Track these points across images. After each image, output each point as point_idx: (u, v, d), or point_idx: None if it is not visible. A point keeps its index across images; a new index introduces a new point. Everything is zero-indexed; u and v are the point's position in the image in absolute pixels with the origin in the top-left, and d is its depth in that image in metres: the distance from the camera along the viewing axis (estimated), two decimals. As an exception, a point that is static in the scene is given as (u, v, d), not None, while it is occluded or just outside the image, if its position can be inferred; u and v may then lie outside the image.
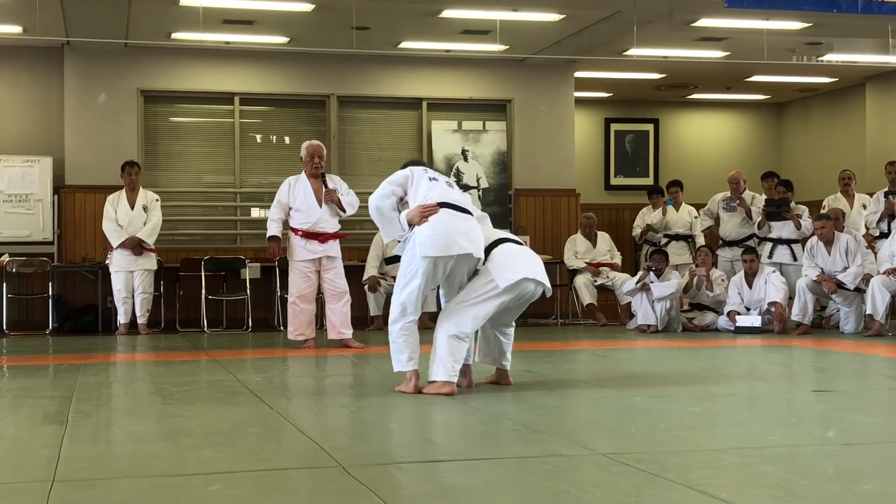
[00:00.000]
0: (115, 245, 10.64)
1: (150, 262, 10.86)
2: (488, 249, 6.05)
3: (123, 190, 10.90)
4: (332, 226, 9.16)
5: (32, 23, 10.57)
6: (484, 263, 6.00)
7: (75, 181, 12.10)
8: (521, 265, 6.04)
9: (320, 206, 9.07)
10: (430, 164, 12.97)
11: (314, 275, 9.19)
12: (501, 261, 6.00)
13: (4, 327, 11.45)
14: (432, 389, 5.80)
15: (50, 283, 11.65)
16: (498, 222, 13.15)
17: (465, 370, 6.13)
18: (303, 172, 9.20)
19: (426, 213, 5.91)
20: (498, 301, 5.95)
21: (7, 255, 11.45)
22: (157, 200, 11.10)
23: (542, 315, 13.15)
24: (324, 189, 9.07)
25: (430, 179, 6.18)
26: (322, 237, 9.12)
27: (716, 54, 12.91)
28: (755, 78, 14.39)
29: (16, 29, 11.40)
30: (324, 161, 9.25)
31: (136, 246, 10.67)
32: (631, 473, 3.67)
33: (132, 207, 10.82)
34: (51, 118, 12.26)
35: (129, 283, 10.76)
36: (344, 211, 9.12)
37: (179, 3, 10.43)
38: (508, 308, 6.14)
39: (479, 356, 6.32)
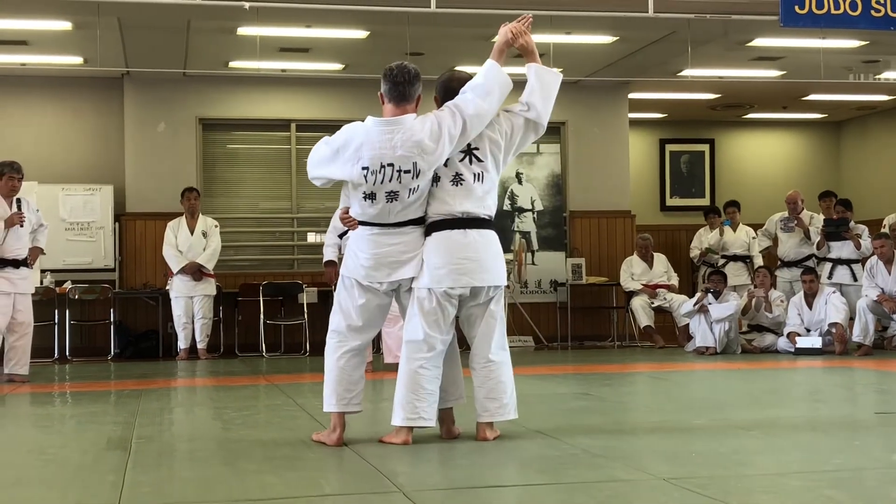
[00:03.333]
0: (175, 270, 10.78)
1: (210, 287, 10.98)
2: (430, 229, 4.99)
3: (183, 216, 11.04)
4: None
5: (93, 53, 10.77)
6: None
7: (136, 209, 12.28)
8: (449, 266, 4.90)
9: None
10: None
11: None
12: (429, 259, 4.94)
13: (67, 353, 11.64)
14: (386, 439, 4.92)
15: (111, 310, 11.82)
16: (553, 244, 13.28)
17: (443, 416, 5.06)
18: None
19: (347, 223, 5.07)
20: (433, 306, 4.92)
21: (70, 282, 11.65)
22: (216, 226, 11.24)
23: (599, 337, 13.12)
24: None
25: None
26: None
27: (771, 73, 12.83)
28: (812, 97, 14.26)
29: (77, 60, 11.63)
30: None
31: (195, 271, 10.79)
32: (692, 498, 3.64)
33: (192, 233, 10.96)
34: (111, 147, 12.47)
35: (189, 308, 10.88)
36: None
37: (237, 33, 10.59)
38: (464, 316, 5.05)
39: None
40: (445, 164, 4.96)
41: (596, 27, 10.75)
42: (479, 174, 5.01)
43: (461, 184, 4.98)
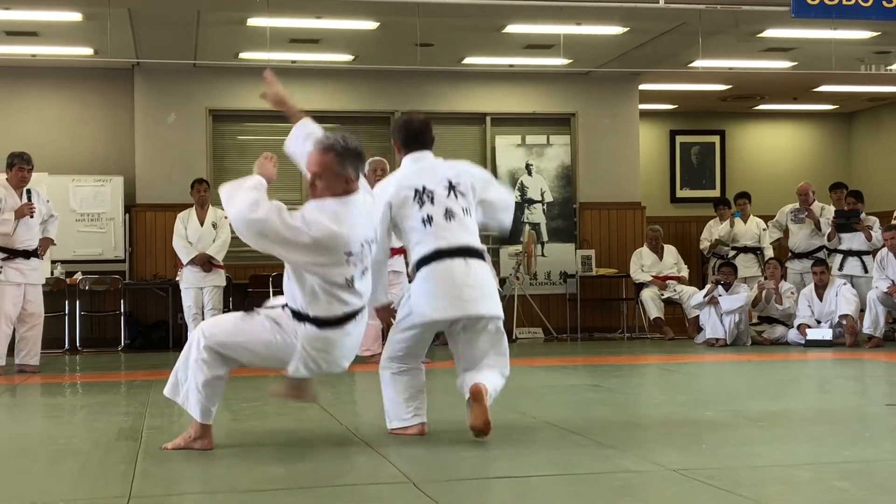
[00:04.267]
0: (185, 262, 10.79)
1: (220, 278, 10.99)
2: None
3: (193, 207, 11.06)
4: (395, 241, 9.19)
5: (103, 45, 10.77)
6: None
7: (146, 200, 12.30)
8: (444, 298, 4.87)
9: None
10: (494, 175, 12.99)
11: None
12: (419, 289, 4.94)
13: (78, 344, 11.67)
14: (400, 431, 4.92)
15: (122, 301, 11.85)
16: (563, 236, 13.26)
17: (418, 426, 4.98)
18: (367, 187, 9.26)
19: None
20: (411, 333, 4.98)
21: (80, 273, 11.67)
22: (226, 218, 11.21)
23: (609, 329, 13.10)
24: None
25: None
26: (393, 252, 9.16)
27: (783, 65, 12.78)
28: (823, 88, 14.21)
29: (87, 51, 11.64)
30: (386, 174, 9.32)
31: (205, 263, 10.80)
32: (702, 489, 3.64)
33: (202, 224, 10.96)
34: (121, 138, 12.48)
35: (199, 299, 10.89)
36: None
37: (247, 24, 10.58)
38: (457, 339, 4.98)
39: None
40: (432, 202, 4.95)
41: (606, 18, 10.71)
42: (466, 208, 5.02)
43: (453, 218, 4.96)
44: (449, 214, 4.94)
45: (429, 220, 4.94)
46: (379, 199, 5.00)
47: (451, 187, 5.00)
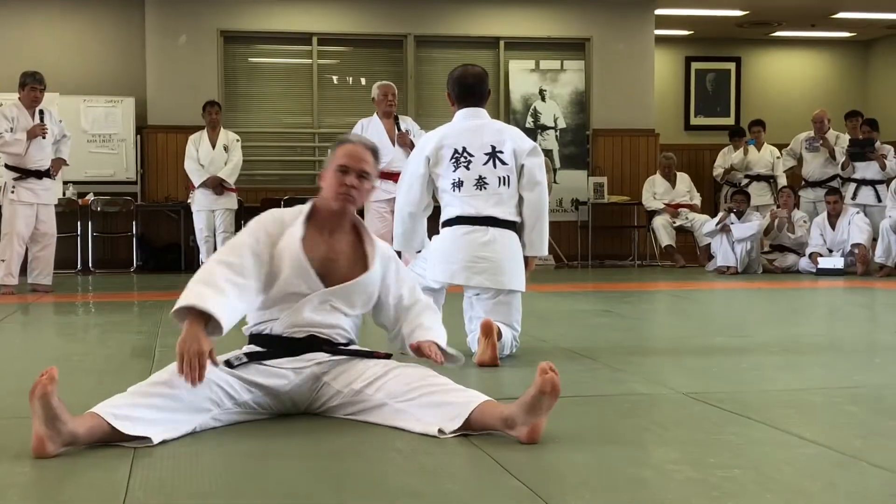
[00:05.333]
0: (196, 184, 10.79)
1: (231, 201, 10.99)
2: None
3: (205, 130, 11.03)
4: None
5: (114, -36, 10.67)
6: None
7: (157, 121, 12.27)
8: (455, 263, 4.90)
9: (393, 145, 9.09)
10: (506, 103, 12.91)
11: (389, 214, 9.22)
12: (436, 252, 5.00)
13: (90, 265, 11.73)
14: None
15: (133, 222, 11.88)
16: (575, 163, 13.20)
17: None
18: (374, 114, 9.22)
19: None
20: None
21: (92, 194, 11.70)
22: (237, 140, 11.20)
23: (620, 256, 13.11)
24: (396, 131, 9.09)
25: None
26: (396, 177, 9.09)
27: (801, -11, 12.61)
28: (841, 14, 14.02)
29: (98, -30, 11.52)
30: (395, 100, 9.27)
31: (217, 185, 10.80)
32: (712, 412, 3.66)
33: (213, 147, 10.94)
34: (133, 59, 12.42)
35: (211, 222, 10.91)
36: (416, 151, 9.10)
37: (258, -57, 10.46)
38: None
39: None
40: (467, 167, 4.89)
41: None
42: (504, 177, 4.93)
43: (485, 187, 4.91)
44: (481, 183, 4.90)
45: (459, 184, 4.92)
46: (418, 151, 5.02)
47: (494, 154, 4.92)
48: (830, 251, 10.98)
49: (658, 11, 13.42)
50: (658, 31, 13.63)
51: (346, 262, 3.61)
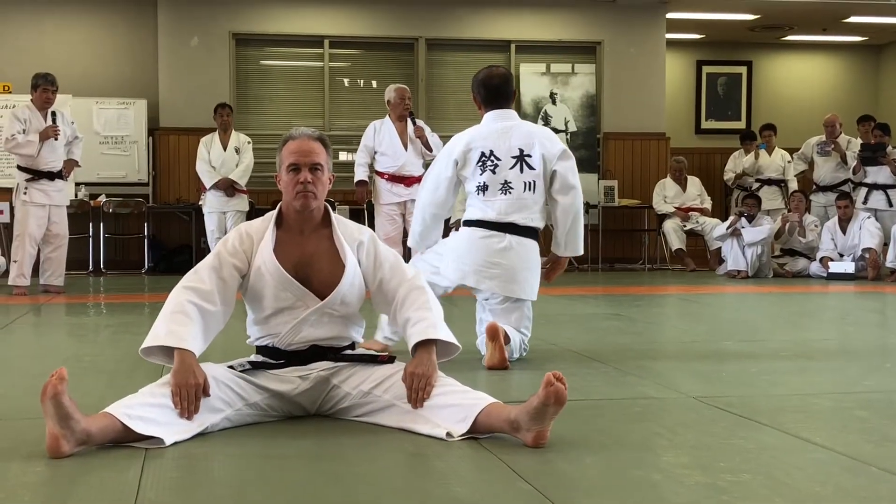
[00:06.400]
0: (208, 186, 10.81)
1: (242, 203, 11.01)
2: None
3: (216, 132, 11.06)
4: (417, 169, 9.20)
5: (127, -34, 10.71)
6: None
7: (169, 123, 12.30)
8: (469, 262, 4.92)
9: (405, 149, 9.14)
10: (517, 107, 12.91)
11: (400, 217, 9.27)
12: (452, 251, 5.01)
13: (102, 266, 11.76)
14: None
15: (145, 224, 11.92)
16: (586, 166, 13.16)
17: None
18: (387, 116, 9.25)
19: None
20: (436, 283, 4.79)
21: (104, 195, 11.73)
22: (248, 142, 11.23)
23: (630, 260, 13.10)
24: (411, 127, 9.14)
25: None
26: (407, 181, 9.19)
27: (813, -6, 12.59)
28: (853, 19, 13.99)
29: (111, -27, 11.56)
30: (411, 103, 9.34)
31: (228, 187, 10.82)
32: (722, 416, 3.66)
33: (225, 149, 10.97)
34: (145, 61, 12.45)
35: (222, 223, 10.93)
36: (430, 150, 9.14)
37: (270, -54, 10.48)
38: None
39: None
40: (493, 171, 4.88)
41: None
42: (530, 182, 4.91)
43: (510, 192, 4.90)
44: (506, 188, 4.89)
45: (483, 188, 4.91)
46: (447, 153, 5.00)
47: (521, 158, 4.91)
48: (841, 255, 10.96)
49: (669, 15, 13.41)
50: (669, 35, 13.62)
51: (325, 261, 3.56)
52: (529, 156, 4.91)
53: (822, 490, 2.71)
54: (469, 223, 4.97)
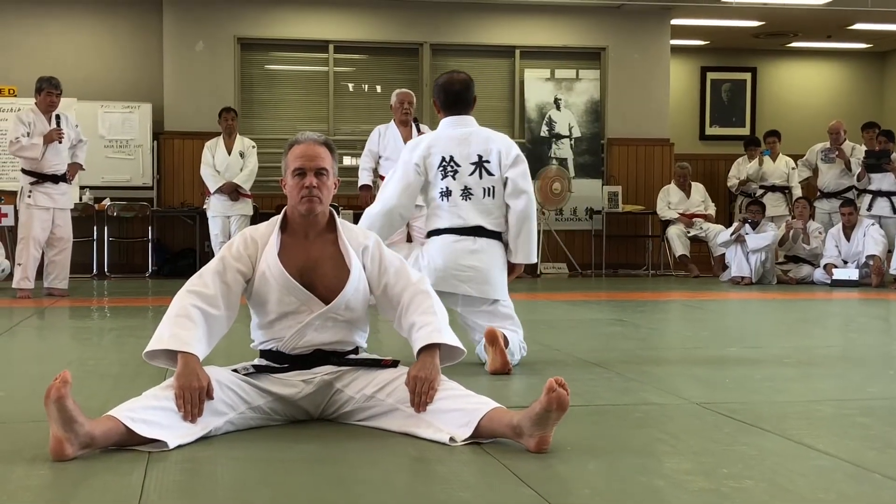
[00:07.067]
0: (212, 190, 10.83)
1: (247, 207, 11.03)
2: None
3: (221, 136, 11.08)
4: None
5: (132, -29, 10.73)
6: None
7: (174, 127, 12.32)
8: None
9: (409, 153, 9.13)
10: (521, 112, 12.92)
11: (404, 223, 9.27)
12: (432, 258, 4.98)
13: (106, 269, 11.78)
14: None
15: (149, 228, 11.93)
16: (590, 172, 13.19)
17: None
18: (392, 121, 9.25)
19: None
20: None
21: (108, 199, 11.75)
22: (253, 147, 11.25)
23: (634, 266, 13.10)
24: (416, 132, 9.13)
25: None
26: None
27: (817, 1, 12.58)
28: (857, 26, 14.00)
29: (116, -23, 11.59)
30: (413, 108, 9.28)
31: (233, 191, 10.84)
32: (725, 422, 3.66)
33: (229, 153, 10.99)
34: (150, 65, 12.47)
35: (226, 227, 10.95)
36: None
37: (276, -49, 10.50)
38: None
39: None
40: (454, 177, 4.91)
41: (639, -50, 10.58)
42: (489, 188, 4.95)
43: (470, 197, 4.93)
44: (466, 193, 4.93)
45: (447, 193, 4.95)
46: (404, 161, 4.99)
47: (480, 164, 4.94)
48: (845, 262, 10.95)
49: (674, 21, 13.42)
50: (674, 41, 13.63)
51: (330, 266, 3.56)
52: (488, 161, 4.95)
53: (824, 497, 2.71)
54: (437, 232, 4.99)
